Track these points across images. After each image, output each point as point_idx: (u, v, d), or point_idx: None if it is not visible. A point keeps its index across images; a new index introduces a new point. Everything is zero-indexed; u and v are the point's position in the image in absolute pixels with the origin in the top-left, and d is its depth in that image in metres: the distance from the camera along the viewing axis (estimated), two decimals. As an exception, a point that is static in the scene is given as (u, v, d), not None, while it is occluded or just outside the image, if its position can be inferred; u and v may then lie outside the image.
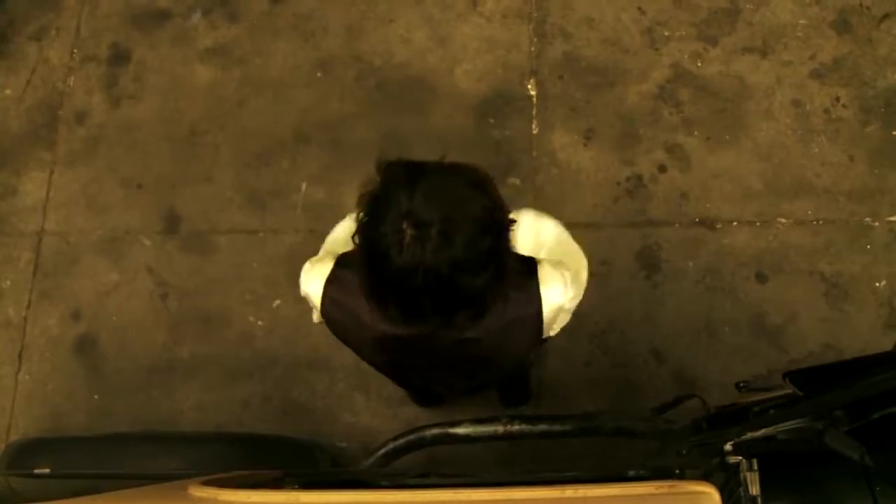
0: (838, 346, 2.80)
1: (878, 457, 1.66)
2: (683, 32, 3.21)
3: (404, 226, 1.33)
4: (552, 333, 1.75)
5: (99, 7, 3.49)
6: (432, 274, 1.32)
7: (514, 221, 1.47)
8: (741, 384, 2.12)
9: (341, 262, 1.64)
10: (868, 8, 3.19)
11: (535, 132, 3.13)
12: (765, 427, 1.66)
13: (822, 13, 3.20)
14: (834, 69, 3.12)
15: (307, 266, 1.71)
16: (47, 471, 2.29)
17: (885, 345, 2.76)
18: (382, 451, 2.45)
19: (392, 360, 1.71)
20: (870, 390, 1.62)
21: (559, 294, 1.64)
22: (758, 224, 2.95)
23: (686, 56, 3.18)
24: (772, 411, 1.84)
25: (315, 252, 3.06)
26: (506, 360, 1.76)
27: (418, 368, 1.77)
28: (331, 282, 1.63)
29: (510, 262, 1.47)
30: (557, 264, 1.69)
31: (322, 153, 3.19)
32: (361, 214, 1.42)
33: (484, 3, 3.33)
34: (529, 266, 1.64)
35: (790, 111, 3.08)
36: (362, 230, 1.42)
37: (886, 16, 3.17)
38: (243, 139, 3.22)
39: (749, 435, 1.65)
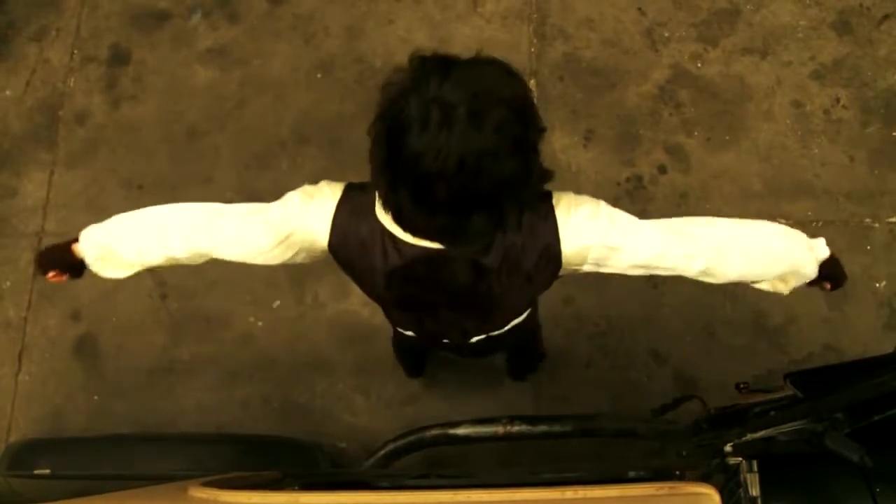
0: (838, 347, 2.80)
1: (879, 458, 1.66)
2: (683, 33, 3.21)
3: (430, 108, 1.25)
4: (590, 269, 1.57)
5: (99, 8, 3.49)
6: (455, 158, 1.22)
7: (544, 128, 1.36)
8: (741, 385, 2.12)
9: (353, 185, 1.54)
10: (868, 9, 3.19)
11: (535, 133, 3.12)
12: (765, 428, 1.66)
13: (822, 14, 3.20)
14: (834, 70, 3.12)
15: (305, 191, 1.59)
16: (47, 472, 2.28)
17: (885, 345, 2.76)
18: (382, 451, 2.45)
19: (404, 296, 1.58)
20: (870, 392, 1.62)
21: (585, 224, 1.52)
22: (758, 225, 2.95)
23: (686, 57, 3.18)
24: (772, 413, 1.84)
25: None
26: (520, 297, 1.65)
27: (431, 306, 1.64)
28: (343, 203, 1.52)
29: (538, 169, 1.37)
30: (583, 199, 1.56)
31: (322, 154, 3.19)
32: (384, 100, 1.31)
33: (484, 5, 3.33)
34: (547, 194, 1.54)
35: (790, 112, 3.08)
36: (382, 114, 1.32)
37: (886, 17, 3.17)
38: (243, 140, 3.22)
39: (749, 436, 1.65)
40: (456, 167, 1.23)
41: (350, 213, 1.52)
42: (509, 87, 1.30)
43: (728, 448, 1.63)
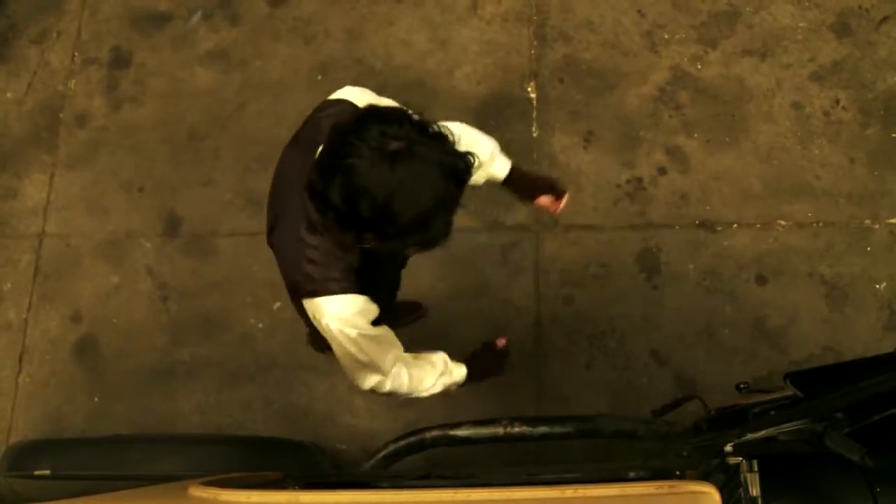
0: (838, 348, 2.80)
1: (879, 459, 1.66)
2: (683, 35, 3.22)
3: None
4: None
5: (100, 10, 3.49)
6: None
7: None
8: (741, 385, 2.12)
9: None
10: (867, 10, 3.19)
11: (535, 135, 3.13)
12: (765, 428, 1.66)
13: (822, 16, 3.20)
14: (833, 71, 3.12)
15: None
16: (47, 472, 2.29)
17: (885, 347, 2.76)
18: (383, 452, 2.45)
19: None
20: (870, 392, 1.62)
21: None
22: (758, 226, 2.96)
23: (686, 59, 3.19)
24: (772, 412, 1.84)
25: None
26: None
27: None
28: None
29: None
30: None
31: (322, 156, 3.19)
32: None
33: (484, 6, 3.33)
34: None
35: (790, 113, 3.08)
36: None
37: (885, 18, 3.17)
38: (244, 142, 3.23)
39: (749, 436, 1.65)
40: None
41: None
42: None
43: (728, 448, 1.63)
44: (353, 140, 1.39)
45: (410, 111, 1.51)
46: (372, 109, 1.49)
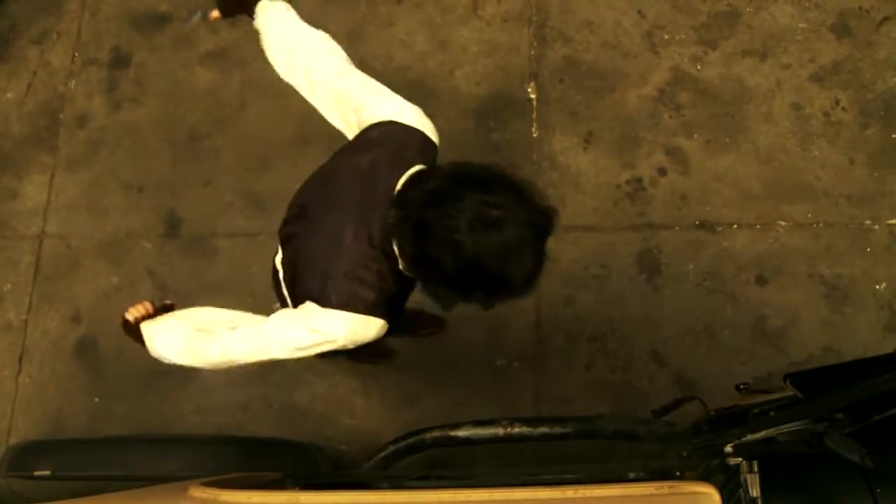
0: (838, 349, 2.80)
1: (879, 459, 1.66)
2: (683, 36, 3.22)
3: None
4: None
5: (100, 11, 3.49)
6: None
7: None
8: (741, 386, 2.12)
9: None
10: (867, 11, 3.19)
11: (535, 135, 3.13)
12: (765, 429, 1.66)
13: (822, 16, 3.20)
14: (833, 72, 3.12)
15: None
16: (47, 473, 2.29)
17: (885, 347, 2.76)
18: (383, 453, 2.45)
19: None
20: (871, 392, 1.62)
21: None
22: (758, 227, 2.96)
23: (686, 59, 3.19)
24: (772, 413, 1.84)
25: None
26: None
27: None
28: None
29: None
30: None
31: (323, 157, 3.16)
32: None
33: (484, 7, 3.33)
34: None
35: (790, 114, 3.08)
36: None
37: (885, 19, 3.17)
38: (244, 143, 3.23)
39: (749, 437, 1.65)
40: None
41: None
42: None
43: (728, 448, 1.63)
44: (452, 213, 1.41)
45: (498, 168, 1.52)
46: (466, 174, 1.49)
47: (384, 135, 1.75)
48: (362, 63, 3.31)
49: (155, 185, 3.20)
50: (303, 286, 1.72)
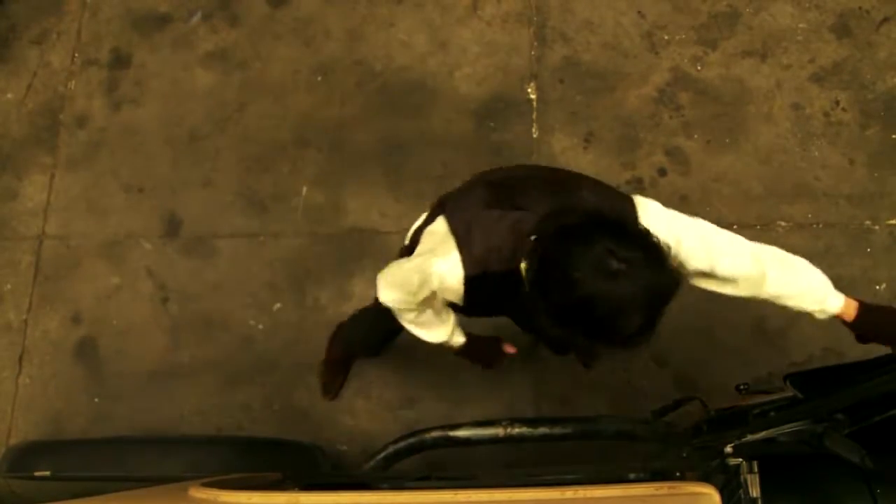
0: (839, 350, 2.79)
1: (879, 459, 1.66)
2: (683, 36, 3.22)
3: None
4: None
5: (100, 11, 3.49)
6: None
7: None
8: (741, 386, 2.12)
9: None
10: (867, 12, 3.19)
11: (535, 136, 3.13)
12: (765, 429, 1.66)
13: (822, 17, 3.20)
14: (833, 73, 3.12)
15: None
16: (48, 473, 2.28)
17: (885, 348, 2.76)
18: (383, 454, 2.45)
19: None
20: (870, 393, 1.62)
21: None
22: (758, 227, 2.96)
23: (686, 60, 3.19)
24: (772, 414, 1.84)
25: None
26: None
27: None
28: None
29: None
30: None
31: (322, 157, 3.19)
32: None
33: (484, 8, 3.33)
34: None
35: (790, 115, 3.08)
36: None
37: (885, 19, 3.17)
38: (244, 143, 3.23)
39: (749, 437, 1.65)
40: None
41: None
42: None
43: (728, 449, 1.63)
44: (577, 251, 1.44)
45: (633, 219, 1.60)
46: (602, 219, 1.51)
47: None
48: (362, 63, 3.34)
49: (155, 186, 3.20)
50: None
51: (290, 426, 2.87)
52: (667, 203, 2.97)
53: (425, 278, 1.75)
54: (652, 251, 1.47)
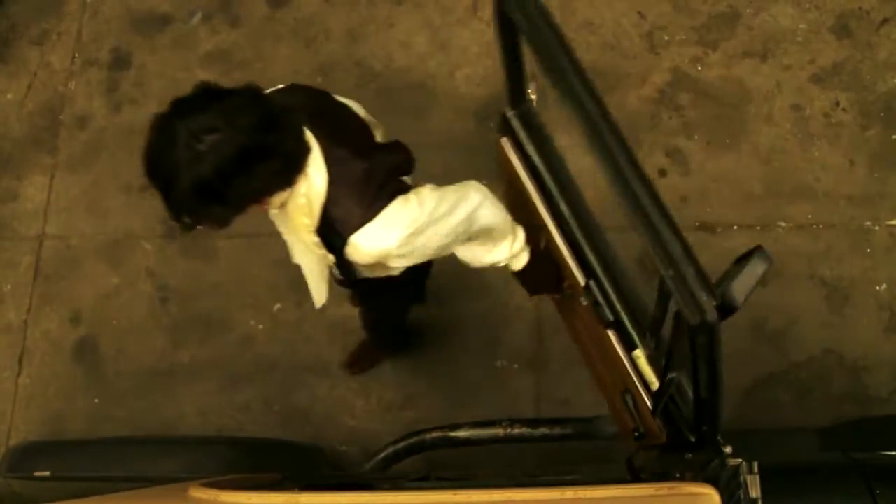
0: (839, 351, 2.80)
1: (878, 460, 1.66)
2: (683, 37, 3.22)
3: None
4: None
5: (100, 12, 3.49)
6: None
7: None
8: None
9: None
10: (867, 12, 3.19)
11: (535, 136, 3.13)
12: None
13: (822, 18, 3.20)
14: (834, 73, 3.12)
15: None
16: (47, 474, 2.29)
17: (885, 349, 2.77)
18: (383, 454, 2.45)
19: None
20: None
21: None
22: (758, 228, 2.95)
23: (686, 60, 3.19)
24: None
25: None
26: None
27: None
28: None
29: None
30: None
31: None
32: None
33: (484, 8, 3.33)
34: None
35: (790, 115, 3.08)
36: None
37: (886, 20, 3.17)
38: (244, 143, 3.22)
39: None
40: None
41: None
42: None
43: (728, 449, 1.63)
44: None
45: None
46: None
47: None
48: (362, 64, 3.33)
49: (155, 186, 3.20)
50: None
51: (290, 426, 2.87)
52: (667, 203, 2.99)
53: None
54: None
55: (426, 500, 1.39)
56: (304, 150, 1.63)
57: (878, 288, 2.87)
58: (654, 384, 1.75)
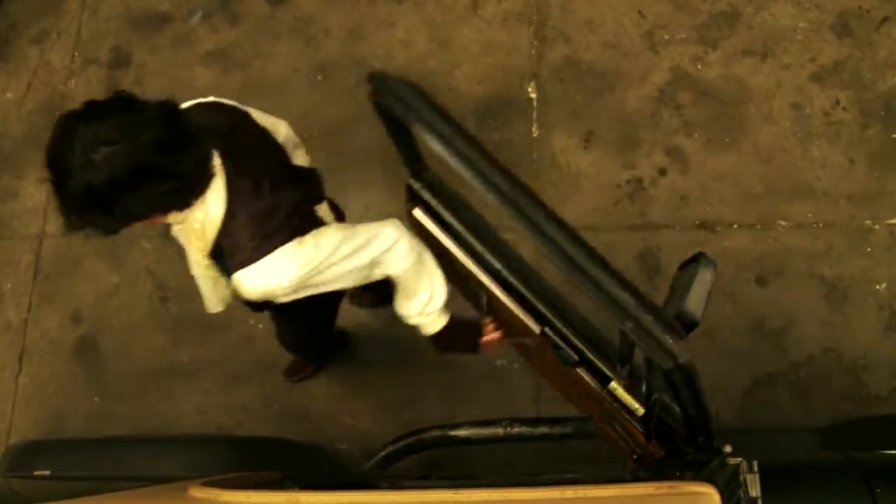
0: (839, 350, 2.80)
1: (878, 459, 1.66)
2: (683, 35, 3.22)
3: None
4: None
5: (100, 10, 3.49)
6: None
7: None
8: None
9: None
10: (868, 11, 3.19)
11: (535, 135, 3.13)
12: None
13: (822, 16, 3.20)
14: (834, 72, 3.12)
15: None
16: (47, 473, 2.28)
17: (885, 348, 2.77)
18: (382, 453, 2.45)
19: None
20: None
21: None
22: (758, 227, 2.95)
23: (686, 59, 3.19)
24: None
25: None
26: None
27: None
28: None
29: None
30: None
31: (322, 156, 3.17)
32: None
33: (484, 7, 3.33)
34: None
35: (790, 114, 3.08)
36: None
37: (886, 19, 3.17)
38: (244, 142, 3.22)
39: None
40: None
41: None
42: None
43: (728, 448, 1.63)
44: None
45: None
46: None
47: None
48: (362, 62, 3.33)
49: (155, 185, 3.20)
50: None
51: (290, 425, 2.87)
52: (667, 202, 2.99)
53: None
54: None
55: (426, 500, 1.39)
56: (205, 177, 1.60)
57: (877, 287, 2.87)
58: (639, 410, 1.73)
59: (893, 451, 1.82)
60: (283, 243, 1.66)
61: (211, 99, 1.90)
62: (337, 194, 3.11)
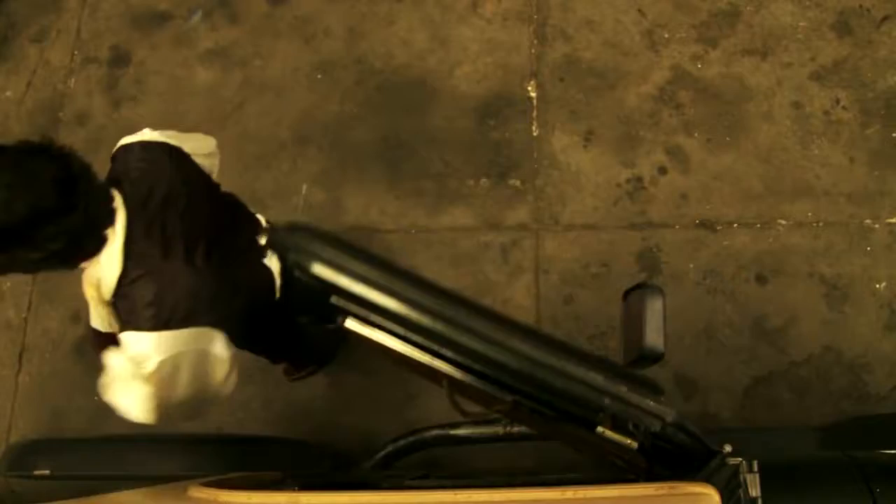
0: (838, 349, 2.80)
1: (878, 459, 1.66)
2: (683, 34, 3.21)
3: None
4: None
5: (99, 9, 3.49)
6: None
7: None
8: None
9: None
10: (868, 10, 3.19)
11: (535, 134, 3.13)
12: None
13: (822, 15, 3.20)
14: (834, 71, 3.12)
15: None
16: (47, 472, 2.28)
17: (885, 347, 2.77)
18: (383, 452, 2.44)
19: None
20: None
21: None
22: (758, 226, 2.95)
23: (686, 58, 3.18)
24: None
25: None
26: None
27: None
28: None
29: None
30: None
31: (322, 155, 3.19)
32: None
33: (484, 6, 3.33)
34: None
35: (790, 113, 3.08)
36: None
37: (886, 18, 3.17)
38: (244, 141, 3.22)
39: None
40: None
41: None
42: None
43: (728, 448, 1.63)
44: None
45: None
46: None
47: None
48: (362, 61, 3.33)
49: (155, 184, 3.20)
50: None
51: (291, 425, 2.87)
52: (667, 201, 2.99)
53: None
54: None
55: (426, 500, 1.39)
56: (95, 243, 1.70)
57: (877, 286, 2.87)
58: (633, 445, 1.72)
59: (893, 451, 1.81)
60: (164, 328, 1.70)
61: (159, 142, 1.93)
62: (336, 193, 3.12)
